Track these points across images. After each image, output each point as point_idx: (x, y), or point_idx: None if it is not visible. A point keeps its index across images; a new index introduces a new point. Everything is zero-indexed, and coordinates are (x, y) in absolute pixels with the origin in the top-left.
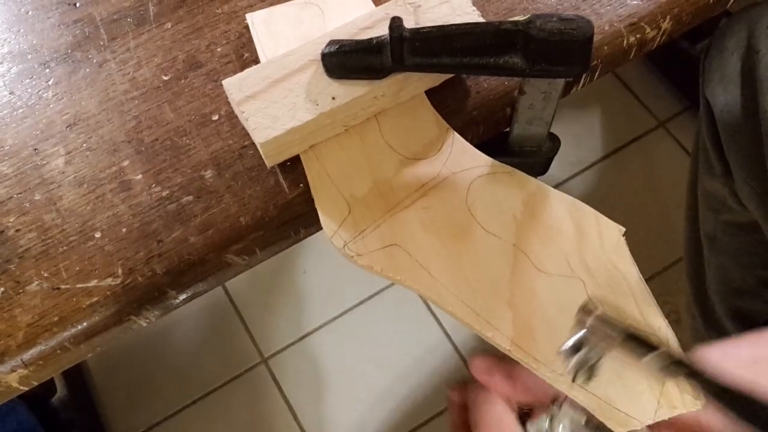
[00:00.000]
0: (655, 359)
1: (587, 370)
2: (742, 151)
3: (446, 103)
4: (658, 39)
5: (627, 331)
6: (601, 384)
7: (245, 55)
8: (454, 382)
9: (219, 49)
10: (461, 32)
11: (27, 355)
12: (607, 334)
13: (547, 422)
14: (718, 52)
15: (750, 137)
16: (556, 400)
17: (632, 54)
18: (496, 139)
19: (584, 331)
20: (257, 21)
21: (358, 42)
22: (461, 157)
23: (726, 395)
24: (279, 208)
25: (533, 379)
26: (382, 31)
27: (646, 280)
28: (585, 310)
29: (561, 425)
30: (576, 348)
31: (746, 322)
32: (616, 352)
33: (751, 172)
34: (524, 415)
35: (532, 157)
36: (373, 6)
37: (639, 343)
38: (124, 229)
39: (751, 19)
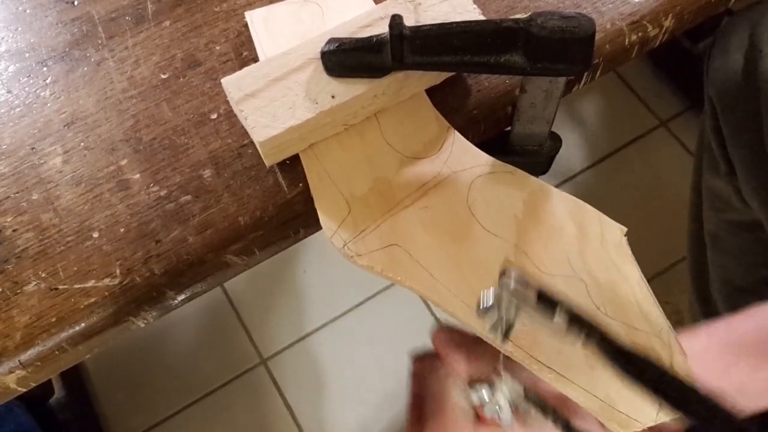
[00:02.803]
0: (560, 320)
1: (504, 329)
2: (745, 150)
3: (447, 101)
4: (660, 37)
5: (539, 292)
6: (602, 385)
7: (244, 54)
8: (416, 353)
9: (218, 48)
10: (462, 30)
11: (25, 357)
12: (524, 295)
13: (487, 390)
14: (721, 51)
15: (753, 136)
16: (497, 371)
17: (634, 52)
18: (497, 138)
19: (502, 291)
20: (256, 19)
21: (357, 40)
22: (462, 156)
23: (623, 359)
24: (278, 208)
25: (488, 356)
26: (382, 29)
27: (648, 280)
28: (505, 272)
29: (500, 394)
30: (493, 307)
31: None
32: (530, 314)
33: (754, 171)
34: (475, 384)
35: (533, 156)
36: (373, 4)
37: (549, 303)
38: (122, 229)
39: (753, 18)
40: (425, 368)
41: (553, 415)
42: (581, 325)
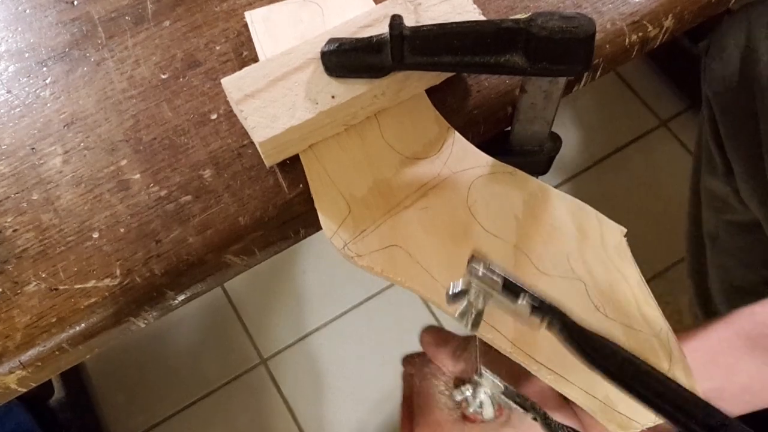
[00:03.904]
0: (524, 305)
1: (475, 316)
2: (742, 151)
3: (447, 101)
4: (660, 37)
5: (505, 279)
6: (602, 386)
7: (244, 54)
8: (407, 354)
9: (218, 48)
10: (462, 30)
11: (25, 357)
12: (491, 282)
13: (470, 389)
14: (717, 51)
15: (750, 137)
16: (479, 371)
17: (634, 52)
18: (497, 138)
19: (470, 278)
20: (256, 19)
21: (357, 40)
22: (462, 157)
23: (585, 344)
24: (278, 208)
25: (472, 355)
26: (382, 29)
27: (647, 281)
28: (474, 260)
29: (482, 391)
30: (462, 293)
31: None
32: (497, 300)
33: (751, 171)
34: (460, 383)
35: (533, 157)
36: (373, 4)
37: (514, 290)
38: (122, 230)
39: (749, 18)
40: (414, 368)
41: (532, 409)
42: (544, 310)
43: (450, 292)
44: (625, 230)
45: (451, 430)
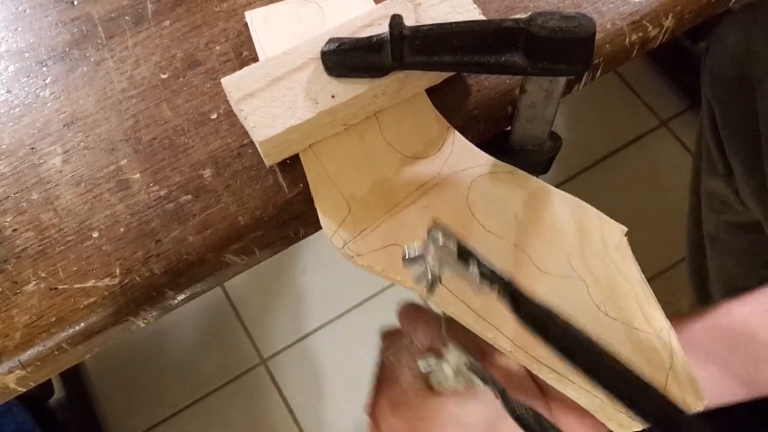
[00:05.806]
0: (475, 272)
1: (431, 281)
2: (742, 151)
3: (447, 101)
4: (661, 37)
5: (461, 247)
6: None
7: (244, 54)
8: (386, 329)
9: (218, 48)
10: (462, 30)
11: (24, 356)
12: (448, 249)
13: (435, 360)
14: (717, 51)
15: (749, 137)
16: (446, 343)
17: (634, 52)
18: (497, 137)
19: (429, 244)
20: (256, 19)
21: (357, 40)
22: (462, 156)
23: (535, 320)
24: (278, 208)
25: (442, 329)
26: (382, 29)
27: (648, 280)
28: (434, 228)
29: (446, 362)
30: (419, 258)
31: None
32: (452, 267)
33: (751, 171)
34: (424, 354)
35: (533, 156)
36: (373, 4)
37: (469, 257)
38: (121, 229)
39: (748, 19)
40: (388, 342)
41: (492, 384)
42: (493, 279)
43: (406, 256)
44: (626, 229)
45: (414, 400)
